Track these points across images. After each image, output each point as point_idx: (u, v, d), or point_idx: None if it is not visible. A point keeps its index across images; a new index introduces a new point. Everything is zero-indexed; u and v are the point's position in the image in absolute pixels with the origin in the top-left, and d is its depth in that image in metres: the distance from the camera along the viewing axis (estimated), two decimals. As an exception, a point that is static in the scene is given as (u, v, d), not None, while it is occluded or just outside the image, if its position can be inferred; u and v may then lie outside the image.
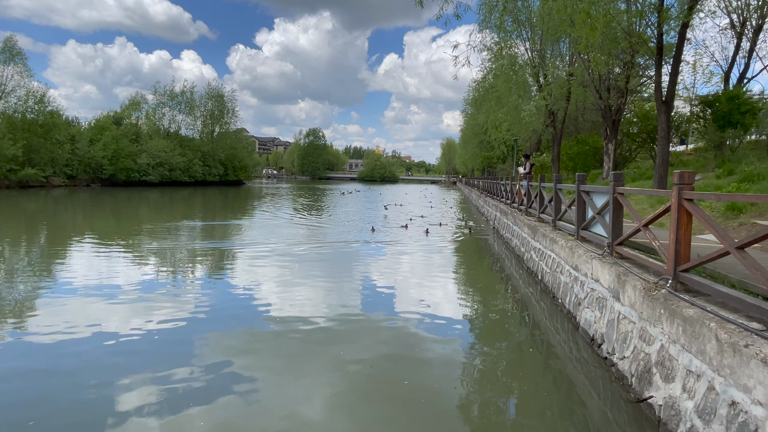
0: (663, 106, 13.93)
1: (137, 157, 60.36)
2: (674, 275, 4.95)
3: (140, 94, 71.63)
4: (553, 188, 10.92)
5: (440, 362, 6.22)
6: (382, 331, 7.36)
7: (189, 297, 8.99)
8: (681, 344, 4.38)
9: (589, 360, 6.29)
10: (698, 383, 4.02)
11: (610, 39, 15.11)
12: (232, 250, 14.51)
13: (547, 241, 10.46)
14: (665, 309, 4.74)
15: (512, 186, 20.78)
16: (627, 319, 5.71)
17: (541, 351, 6.93)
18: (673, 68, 13.84)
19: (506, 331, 7.86)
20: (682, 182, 4.83)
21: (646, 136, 24.28)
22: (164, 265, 12.16)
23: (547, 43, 23.89)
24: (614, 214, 6.94)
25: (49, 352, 6.21)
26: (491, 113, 32.01)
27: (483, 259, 14.79)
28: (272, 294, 9.42)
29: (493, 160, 56.56)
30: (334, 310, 8.35)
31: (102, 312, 7.92)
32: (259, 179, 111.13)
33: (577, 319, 7.57)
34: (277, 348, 6.59)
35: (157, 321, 7.46)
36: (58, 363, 5.88)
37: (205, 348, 6.48)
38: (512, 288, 10.96)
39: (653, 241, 5.59)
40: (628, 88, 21.04)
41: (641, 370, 5.03)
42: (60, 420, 4.59)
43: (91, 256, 13.21)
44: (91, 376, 5.50)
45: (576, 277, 8.04)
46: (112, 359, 6.01)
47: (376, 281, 10.83)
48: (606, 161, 22.39)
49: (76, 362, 5.91)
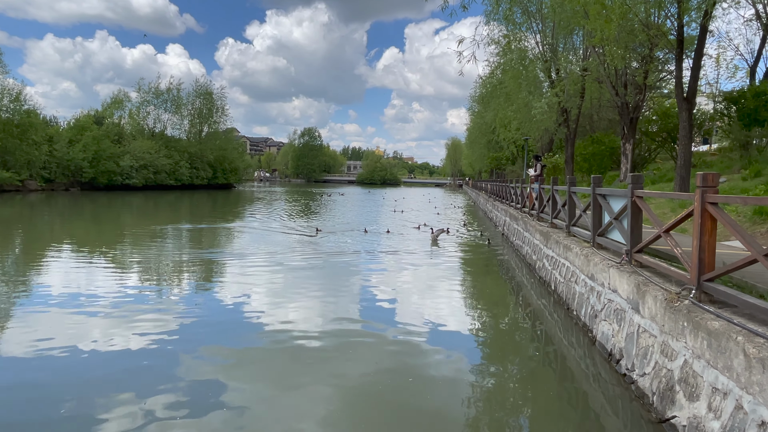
0: (684, 103, 13.96)
1: (120, 159, 60.45)
2: (698, 285, 4.93)
3: (123, 92, 71.89)
4: (567, 191, 10.92)
5: (445, 380, 6.20)
6: (382, 346, 7.33)
7: (174, 310, 8.97)
8: (706, 359, 4.36)
9: (606, 377, 6.26)
10: (725, 402, 4.00)
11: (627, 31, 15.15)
12: (221, 260, 14.50)
13: (561, 248, 10.45)
14: (688, 321, 4.72)
15: (522, 189, 20.81)
16: (647, 333, 5.69)
17: (555, 367, 6.90)
18: (695, 62, 13.88)
19: (517, 345, 7.83)
20: (705, 185, 4.83)
21: (666, 135, 24.31)
22: (148, 275, 12.15)
23: (559, 36, 23.97)
24: (633, 219, 6.93)
25: (22, 367, 6.20)
26: (500, 111, 32.11)
27: (491, 268, 14.78)
28: (264, 306, 9.40)
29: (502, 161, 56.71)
30: (331, 324, 8.33)
31: (80, 325, 7.90)
32: (251, 182, 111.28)
33: (594, 332, 7.54)
34: (270, 364, 6.57)
35: (139, 335, 7.45)
36: (32, 378, 5.86)
37: (192, 364, 6.46)
38: (523, 299, 10.93)
39: (675, 248, 5.58)
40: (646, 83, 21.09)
41: (663, 388, 5.01)
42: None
43: (70, 265, 13.20)
44: (68, 393, 5.48)
45: (592, 287, 8.02)
46: (90, 375, 5.99)
47: (374, 292, 10.81)
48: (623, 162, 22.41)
49: (52, 377, 5.90)
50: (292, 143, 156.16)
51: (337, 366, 6.50)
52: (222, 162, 77.66)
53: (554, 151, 34.91)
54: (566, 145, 26.17)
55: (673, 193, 8.40)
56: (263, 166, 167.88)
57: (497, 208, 28.17)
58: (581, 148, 28.87)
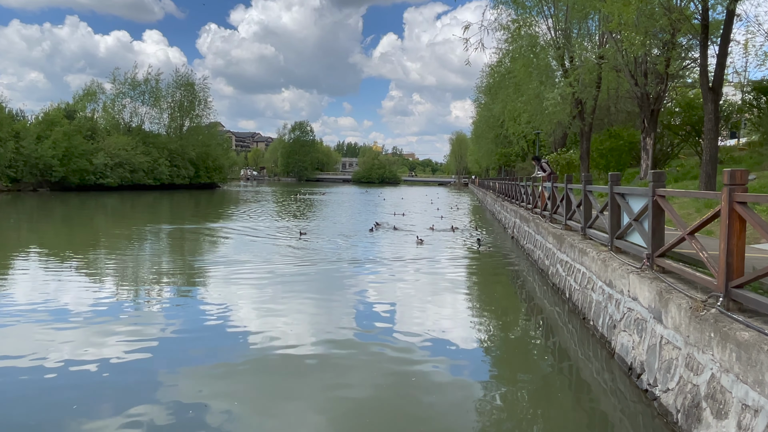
0: (710, 94, 13.99)
1: (93, 157, 60.45)
2: (726, 292, 4.93)
3: (96, 83, 72.04)
4: (582, 190, 10.93)
5: (450, 397, 6.18)
6: (380, 362, 7.32)
7: (153, 323, 8.96)
8: (735, 374, 4.36)
9: (626, 393, 6.26)
10: (756, 420, 4.00)
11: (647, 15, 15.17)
12: (204, 267, 14.48)
13: (576, 252, 10.46)
14: (716, 332, 4.72)
15: (534, 188, 20.83)
16: (671, 344, 5.70)
17: (570, 383, 6.89)
18: (721, 49, 13.91)
19: (528, 359, 7.83)
20: (733, 182, 4.83)
21: (690, 128, 24.39)
22: (124, 284, 12.14)
23: (573, 21, 24.03)
24: (654, 221, 6.94)
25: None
26: (508, 103, 32.16)
27: (499, 274, 14.78)
28: (252, 318, 9.38)
29: (512, 157, 56.81)
30: (323, 336, 8.31)
31: (49, 339, 7.86)
32: (237, 181, 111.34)
33: (612, 344, 7.55)
34: (258, 380, 6.55)
35: (114, 350, 7.42)
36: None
37: (172, 382, 6.44)
38: (535, 308, 10.93)
39: (700, 251, 5.59)
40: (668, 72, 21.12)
41: (688, 405, 5.01)
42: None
43: (38, 274, 13.18)
44: (32, 417, 5.44)
45: (610, 294, 8.03)
46: (58, 396, 5.95)
47: (372, 301, 10.80)
48: (644, 158, 22.45)
49: (15, 398, 5.85)
50: (281, 139, 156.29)
51: (333, 382, 6.48)
52: (205, 159, 77.68)
53: (568, 147, 34.96)
54: (581, 139, 26.21)
55: (698, 192, 8.41)
56: (250, 163, 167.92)
57: (506, 208, 28.20)
58: (598, 143, 28.91)
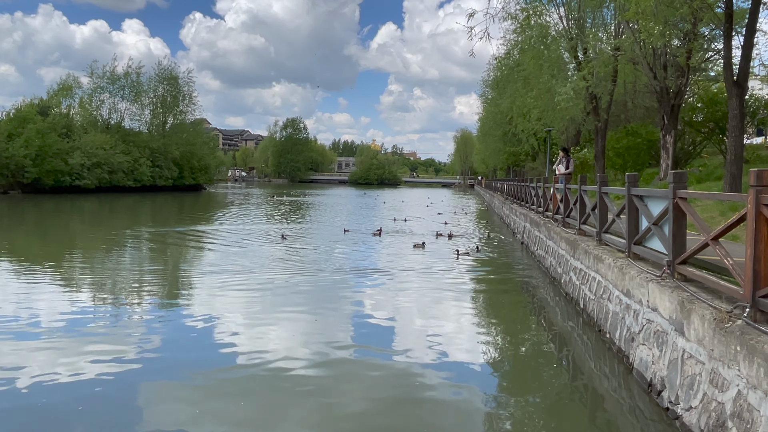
0: (734, 88, 14.03)
1: (69, 157, 60.35)
2: (753, 302, 4.93)
3: (72, 77, 71.82)
4: (598, 192, 10.94)
5: (455, 417, 6.17)
6: (379, 379, 7.32)
7: (132, 337, 8.92)
8: (763, 390, 4.35)
9: (646, 411, 6.25)
10: (786, 441, 3.99)
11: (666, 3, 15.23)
12: (189, 277, 14.47)
13: (591, 259, 10.46)
14: (742, 345, 4.72)
15: (545, 189, 20.84)
16: (694, 359, 5.69)
17: (585, 400, 6.88)
18: (746, 40, 13.96)
19: (540, 375, 7.82)
20: (760, 183, 4.84)
21: (713, 125, 24.43)
22: (101, 295, 12.13)
23: (587, 10, 24.13)
24: (675, 225, 6.94)
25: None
26: (517, 98, 32.25)
27: (507, 282, 14.79)
28: (239, 332, 9.37)
29: (521, 156, 56.93)
30: (318, 349, 8.30)
31: (18, 355, 7.83)
32: (224, 183, 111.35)
33: (630, 358, 7.55)
34: (246, 401, 6.53)
35: (90, 366, 7.38)
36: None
37: (153, 402, 6.43)
38: (546, 319, 10.92)
39: (725, 258, 5.59)
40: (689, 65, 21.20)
41: (713, 424, 5.00)
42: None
43: (7, 282, 13.16)
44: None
45: (628, 305, 8.03)
46: (26, 417, 5.92)
47: (370, 312, 10.80)
48: (663, 158, 22.50)
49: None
50: (272, 137, 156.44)
51: (328, 400, 6.47)
52: (190, 159, 77.61)
53: (582, 145, 35.03)
54: (596, 137, 26.27)
55: (722, 194, 8.43)
56: (239, 163, 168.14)
57: (515, 212, 28.23)
58: (614, 141, 28.95)
